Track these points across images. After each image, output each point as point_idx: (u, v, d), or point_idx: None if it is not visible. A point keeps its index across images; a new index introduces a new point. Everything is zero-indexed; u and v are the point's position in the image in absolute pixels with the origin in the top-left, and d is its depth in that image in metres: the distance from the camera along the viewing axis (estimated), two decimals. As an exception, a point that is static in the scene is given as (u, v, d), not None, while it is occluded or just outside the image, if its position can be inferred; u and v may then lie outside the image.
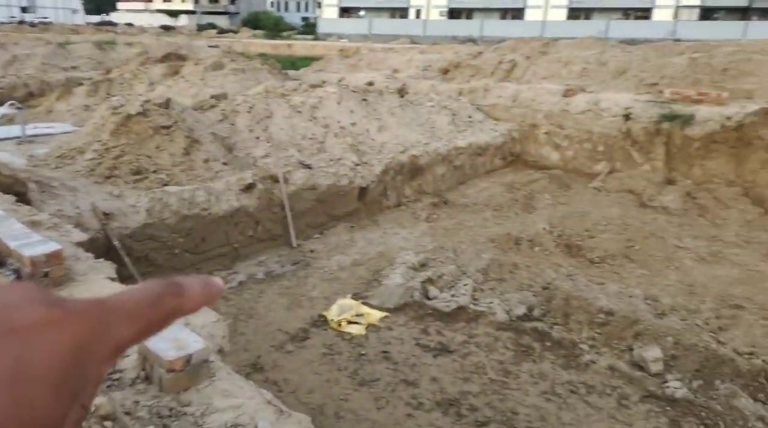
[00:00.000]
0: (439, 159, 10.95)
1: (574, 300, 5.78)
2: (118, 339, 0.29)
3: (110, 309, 0.30)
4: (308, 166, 9.46)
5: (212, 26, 67.12)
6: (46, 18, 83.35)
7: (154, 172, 8.45)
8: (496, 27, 52.24)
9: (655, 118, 11.29)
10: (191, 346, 2.64)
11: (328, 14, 63.52)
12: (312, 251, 8.25)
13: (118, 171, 8.24)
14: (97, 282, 3.52)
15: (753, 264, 7.31)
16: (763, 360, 5.07)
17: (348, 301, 6.42)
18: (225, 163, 9.22)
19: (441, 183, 10.87)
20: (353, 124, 10.96)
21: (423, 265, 7.11)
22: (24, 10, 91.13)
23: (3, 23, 68.67)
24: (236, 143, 10.04)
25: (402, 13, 63.81)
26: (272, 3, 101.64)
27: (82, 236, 4.52)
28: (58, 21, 79.37)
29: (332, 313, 6.20)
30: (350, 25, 59.43)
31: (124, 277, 5.37)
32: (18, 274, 3.27)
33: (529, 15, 59.15)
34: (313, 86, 12.25)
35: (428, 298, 6.28)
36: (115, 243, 6.75)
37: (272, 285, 7.12)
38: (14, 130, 11.73)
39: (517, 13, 60.85)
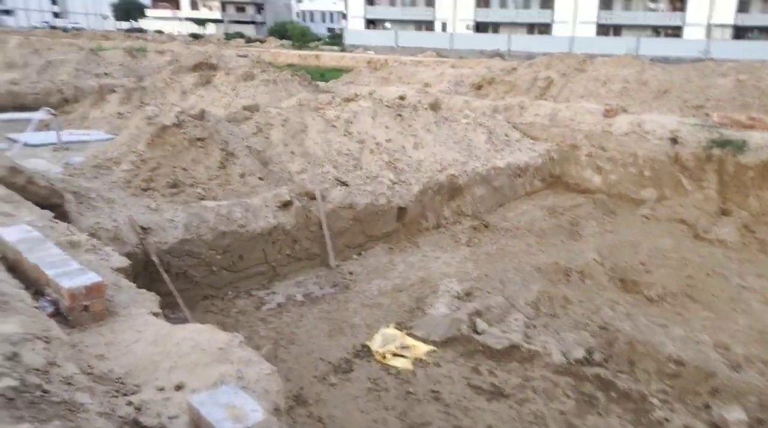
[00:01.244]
0: (477, 179, 10.62)
1: (639, 345, 5.38)
2: None
3: None
4: (345, 184, 9.19)
5: (240, 35, 67.87)
6: (78, 23, 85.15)
7: (191, 185, 8.24)
8: (523, 42, 51.92)
9: (704, 142, 10.84)
10: (250, 416, 2.32)
11: (354, 26, 63.80)
12: (351, 273, 7.95)
13: (155, 183, 8.05)
14: (140, 318, 3.24)
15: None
16: None
17: (392, 331, 6.10)
18: (261, 178, 8.99)
19: (480, 205, 10.52)
20: (389, 141, 10.70)
21: (468, 295, 6.77)
22: (56, 15, 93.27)
23: (36, 28, 70.27)
24: (271, 157, 9.83)
25: (428, 25, 63.90)
26: (298, 13, 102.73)
27: (123, 261, 4.26)
28: (89, 27, 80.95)
29: (376, 344, 5.88)
30: (377, 37, 59.59)
31: (162, 294, 5.11)
32: (56, 307, 3.01)
33: (557, 30, 58.79)
34: (347, 100, 12.03)
35: (477, 332, 5.93)
36: (154, 258, 6.53)
37: (312, 308, 6.84)
38: (50, 136, 11.70)
39: (545, 29, 60.54)
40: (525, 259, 8.09)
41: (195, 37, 61.86)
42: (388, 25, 63.65)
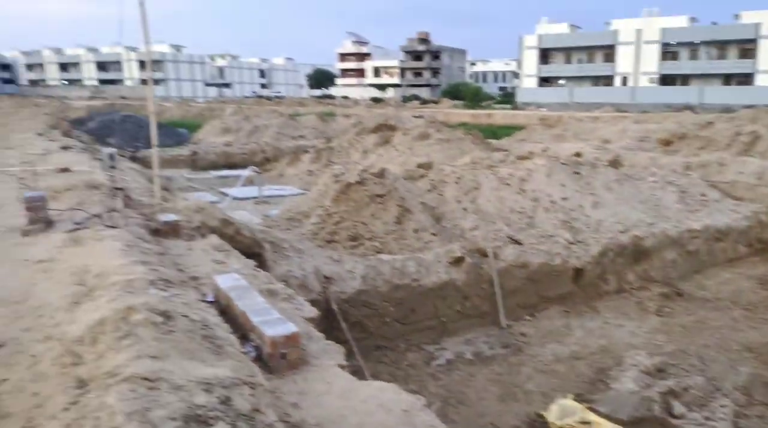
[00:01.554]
0: (668, 242, 9.64)
1: None
2: None
3: None
4: (518, 242, 8.98)
5: (416, 97, 71.79)
6: (279, 93, 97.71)
7: (369, 238, 8.72)
8: (719, 94, 47.18)
9: None
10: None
11: (527, 84, 63.70)
12: (523, 334, 7.63)
13: (338, 236, 8.67)
14: (329, 370, 3.40)
15: None
16: None
17: (570, 403, 5.64)
18: (434, 234, 9.20)
19: (671, 270, 9.50)
20: (565, 199, 10.28)
21: (660, 371, 6.04)
22: (263, 86, 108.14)
23: (247, 97, 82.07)
24: (444, 214, 10.03)
25: (606, 80, 61.33)
26: (471, 75, 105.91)
27: (313, 312, 4.58)
28: (288, 95, 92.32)
29: (552, 415, 5.48)
30: (549, 94, 58.77)
31: (339, 341, 5.37)
32: (258, 352, 3.28)
33: (761, 80, 52.45)
34: (521, 158, 11.91)
35: (673, 416, 5.23)
36: (334, 307, 6.95)
37: (482, 368, 6.65)
38: (253, 191, 13.39)
39: (745, 79, 54.40)
40: (730, 336, 7.04)
41: (375, 100, 66.91)
42: (562, 81, 62.47)
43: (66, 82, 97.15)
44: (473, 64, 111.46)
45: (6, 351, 2.57)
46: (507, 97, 72.98)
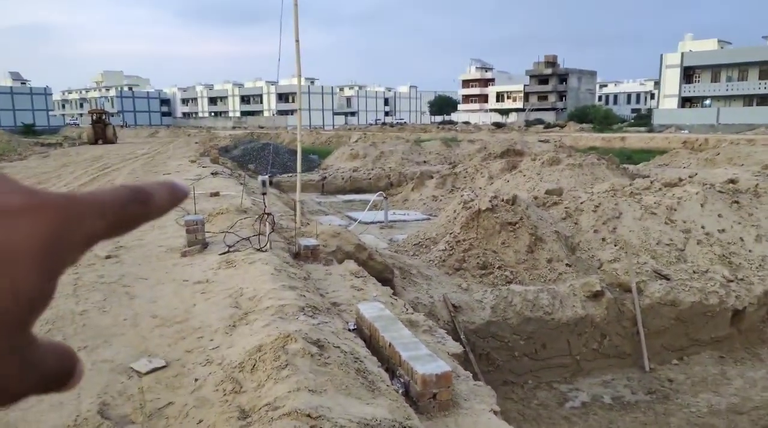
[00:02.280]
0: None
1: None
2: (90, 232, 0.31)
3: (81, 203, 0.31)
4: (666, 277, 8.21)
5: (540, 121, 69.77)
6: (402, 119, 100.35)
7: (499, 267, 8.46)
8: None
9: None
10: None
11: (666, 105, 59.32)
12: (670, 380, 6.91)
13: (466, 264, 8.51)
14: (482, 416, 3.18)
15: None
16: None
17: (735, 466, 4.95)
18: (568, 265, 8.71)
19: None
20: (722, 231, 9.27)
21: None
22: (386, 113, 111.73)
23: (371, 124, 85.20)
24: (580, 243, 9.47)
25: (760, 100, 55.24)
26: (600, 96, 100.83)
27: (457, 347, 4.44)
28: (410, 122, 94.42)
29: (713, 478, 4.83)
30: (692, 116, 54.13)
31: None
32: (406, 388, 3.17)
33: None
34: (668, 184, 10.96)
35: None
36: (462, 337, 6.78)
37: (623, 415, 6.09)
38: (379, 216, 13.67)
39: None
40: None
41: (497, 125, 65.96)
42: (707, 102, 57.28)
43: (213, 114, 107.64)
44: (603, 85, 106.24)
45: (171, 373, 2.75)
46: (641, 119, 68.34)
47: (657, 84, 62.89)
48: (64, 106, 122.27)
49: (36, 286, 0.29)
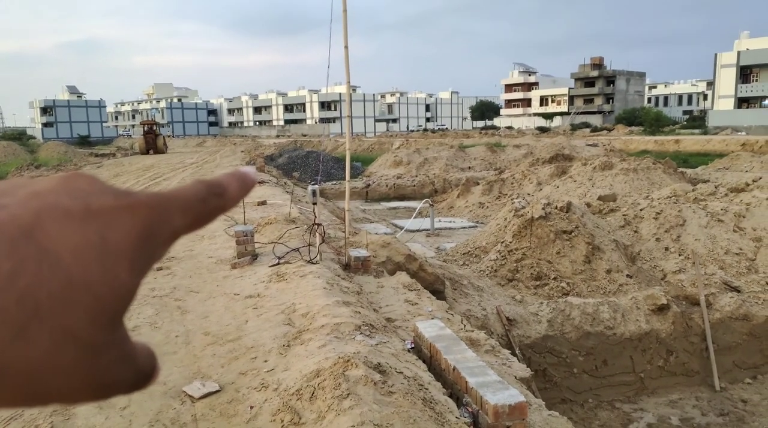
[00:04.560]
0: None
1: None
2: (175, 227, 0.33)
3: (168, 201, 0.33)
4: (736, 289, 7.68)
5: (586, 125, 68.02)
6: (443, 125, 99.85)
7: (554, 278, 8.09)
8: None
9: None
10: None
11: (721, 106, 56.86)
12: (744, 401, 6.41)
13: (519, 274, 8.17)
14: None
15: None
16: None
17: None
18: (629, 276, 8.26)
19: None
20: (796, 239, 8.62)
21: None
22: (428, 120, 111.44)
23: (413, 131, 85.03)
24: (640, 253, 8.99)
25: (825, 98, 52.22)
26: (650, 98, 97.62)
27: (524, 370, 4.14)
28: (451, 127, 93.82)
29: None
30: (750, 117, 51.65)
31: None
32: (474, 419, 2.90)
33: None
34: (735, 189, 10.33)
35: None
36: (518, 352, 6.47)
37: (697, 441, 5.65)
38: (424, 223, 13.42)
39: None
40: None
41: (542, 130, 64.58)
42: (766, 102, 54.53)
43: (257, 123, 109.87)
44: (653, 87, 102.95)
45: (225, 398, 2.60)
46: (694, 121, 65.72)
47: (710, 84, 60.41)
48: (117, 118, 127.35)
49: (129, 282, 0.30)
